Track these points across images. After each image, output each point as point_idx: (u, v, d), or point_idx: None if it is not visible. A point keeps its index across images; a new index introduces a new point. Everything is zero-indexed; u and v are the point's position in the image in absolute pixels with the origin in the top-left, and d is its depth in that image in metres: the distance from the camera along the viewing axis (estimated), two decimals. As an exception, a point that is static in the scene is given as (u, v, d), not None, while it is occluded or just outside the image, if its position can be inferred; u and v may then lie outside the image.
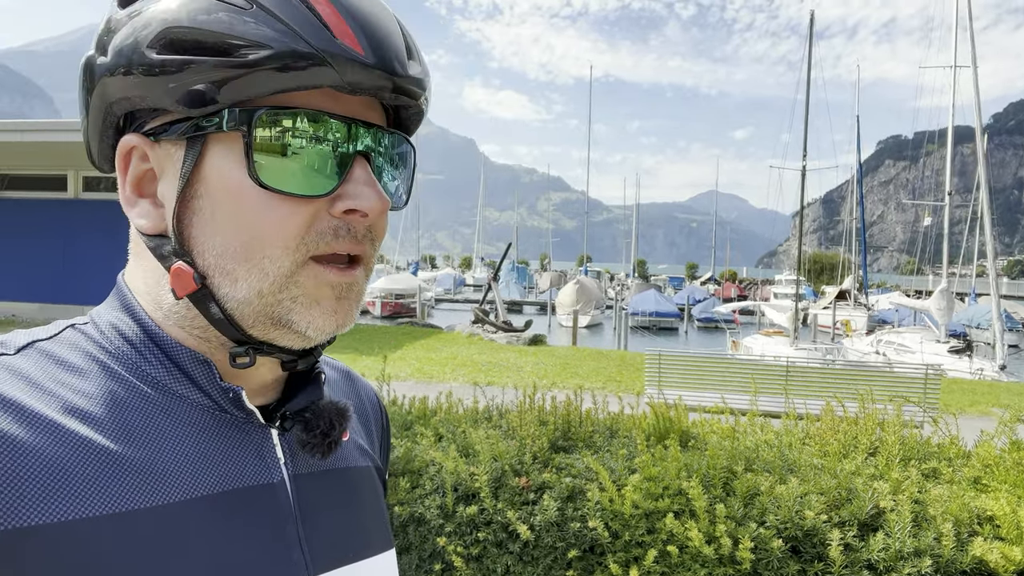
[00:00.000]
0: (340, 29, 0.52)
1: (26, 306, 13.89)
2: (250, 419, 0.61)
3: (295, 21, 0.52)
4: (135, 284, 0.61)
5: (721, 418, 3.30)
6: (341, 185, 0.55)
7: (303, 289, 0.56)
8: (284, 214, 0.54)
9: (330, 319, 0.57)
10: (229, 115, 0.53)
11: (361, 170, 0.56)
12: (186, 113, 0.54)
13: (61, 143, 11.93)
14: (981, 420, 7.97)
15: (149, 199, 0.58)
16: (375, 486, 0.75)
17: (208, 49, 0.52)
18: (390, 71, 0.54)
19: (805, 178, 24.45)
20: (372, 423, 0.82)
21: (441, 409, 3.40)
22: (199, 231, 0.55)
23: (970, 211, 43.22)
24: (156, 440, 0.54)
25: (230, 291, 0.55)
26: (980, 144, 19.77)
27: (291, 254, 0.55)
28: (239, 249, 0.54)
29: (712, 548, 2.17)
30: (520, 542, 2.40)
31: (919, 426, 3.01)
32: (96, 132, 0.59)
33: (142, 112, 0.56)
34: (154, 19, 0.53)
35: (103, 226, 12.96)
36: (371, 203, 0.55)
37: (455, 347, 14.02)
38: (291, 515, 0.60)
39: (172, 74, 0.52)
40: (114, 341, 0.58)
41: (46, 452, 0.48)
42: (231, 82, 0.52)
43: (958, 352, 19.60)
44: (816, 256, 74.13)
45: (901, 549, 2.08)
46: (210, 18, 0.52)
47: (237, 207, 0.54)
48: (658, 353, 8.44)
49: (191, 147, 0.54)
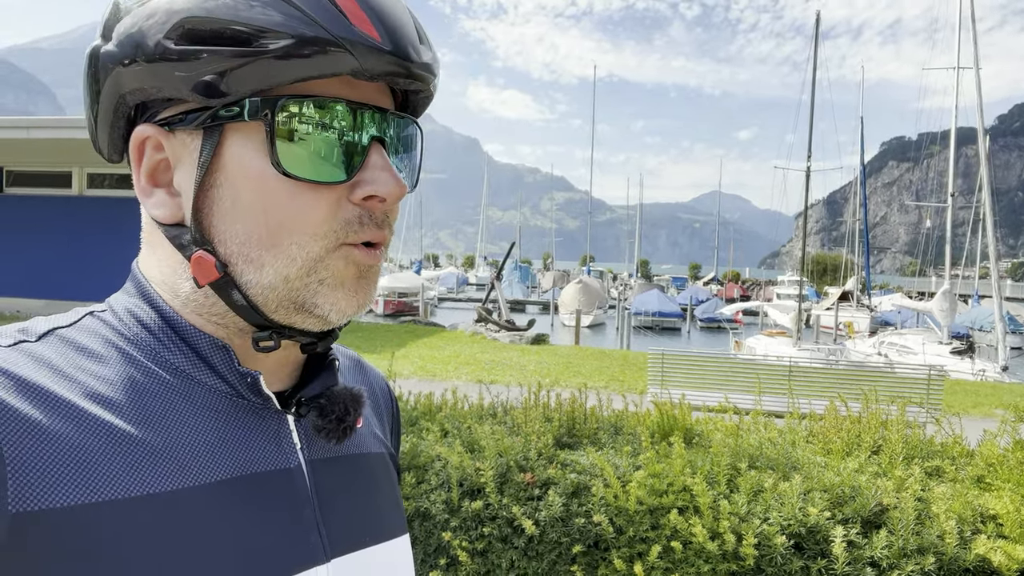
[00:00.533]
0: (356, 16, 0.53)
1: (31, 302, 13.92)
2: (267, 405, 0.61)
3: (312, 8, 0.52)
4: (150, 273, 0.62)
5: (725, 416, 3.32)
6: (359, 171, 0.56)
7: (331, 271, 0.57)
8: (308, 201, 0.55)
9: (352, 300, 0.58)
10: (250, 105, 0.53)
11: (378, 156, 0.57)
12: (204, 103, 0.53)
13: (65, 139, 11.95)
14: (984, 421, 7.96)
15: (164, 188, 0.58)
16: (389, 472, 0.75)
17: (227, 39, 0.51)
18: (405, 57, 0.55)
19: (810, 179, 24.43)
20: (384, 410, 0.83)
21: (446, 405, 3.41)
22: (219, 220, 0.56)
23: (973, 212, 43.13)
24: (175, 425, 0.55)
25: (255, 277, 0.56)
26: (982, 146, 19.73)
27: (319, 240, 0.55)
28: (265, 236, 0.55)
29: (716, 544, 2.18)
30: (525, 537, 2.41)
31: (922, 426, 3.02)
32: (106, 122, 0.59)
33: (155, 102, 0.56)
34: (170, 8, 0.52)
35: (107, 222, 13.03)
36: (389, 188, 0.56)
37: (458, 345, 14.04)
38: (308, 499, 0.61)
39: (190, 64, 0.52)
40: (132, 327, 0.59)
41: (68, 436, 0.49)
42: (251, 71, 0.52)
43: (960, 353, 19.59)
44: (819, 257, 74.06)
45: (904, 546, 2.09)
46: (228, 7, 0.52)
47: (259, 195, 0.54)
48: (661, 353, 8.45)
49: (209, 136, 0.54)
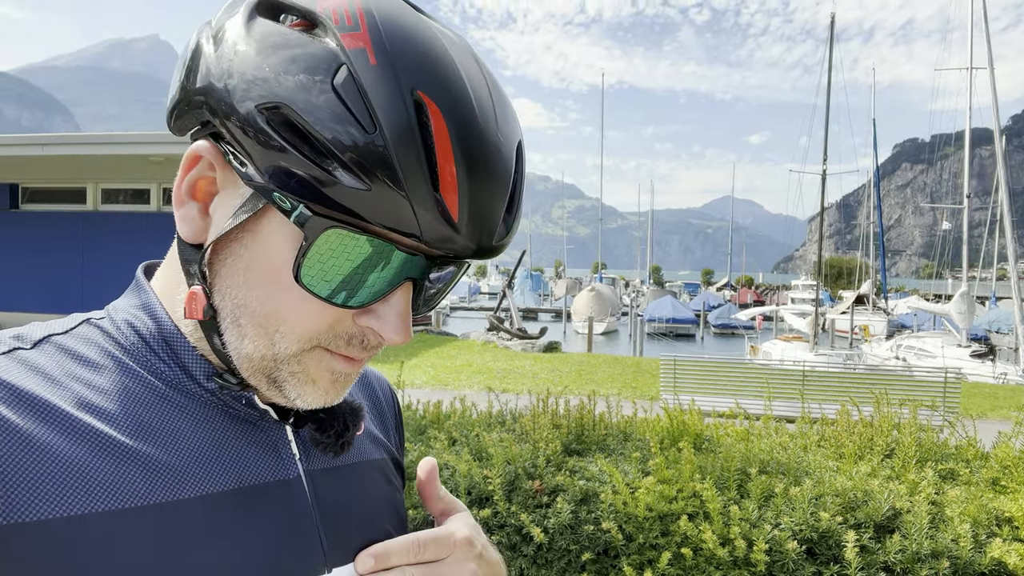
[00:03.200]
0: (448, 200, 0.49)
1: (47, 317, 14.06)
2: (264, 417, 0.61)
3: (406, 171, 0.48)
4: (158, 282, 0.62)
5: (735, 422, 3.29)
6: (377, 302, 0.54)
7: (304, 368, 0.56)
8: (312, 310, 0.53)
9: (320, 398, 0.58)
10: (301, 215, 0.50)
11: (402, 297, 0.55)
12: (263, 181, 0.50)
13: (80, 156, 12.11)
14: (1003, 424, 7.85)
15: (200, 204, 0.57)
16: (392, 477, 0.75)
17: (313, 147, 0.48)
18: (476, 243, 0.52)
19: (825, 182, 24.30)
20: (386, 411, 0.83)
21: (455, 413, 3.41)
22: (228, 273, 0.55)
23: (989, 213, 42.68)
24: (169, 436, 0.54)
25: (235, 342, 0.55)
26: (999, 146, 19.55)
27: (302, 343, 0.55)
28: (258, 314, 0.54)
29: (726, 550, 2.16)
30: (534, 545, 2.40)
31: (937, 429, 2.98)
32: (181, 107, 0.56)
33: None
34: (273, 77, 0.49)
35: (122, 238, 13.16)
36: (394, 336, 0.55)
37: (470, 354, 14.04)
38: (309, 510, 0.61)
39: (265, 146, 0.49)
40: (129, 337, 0.58)
41: (59, 447, 0.48)
42: (319, 187, 0.49)
43: (981, 356, 19.33)
44: (833, 260, 73.58)
45: (918, 551, 2.06)
46: (330, 119, 0.48)
47: (271, 281, 0.53)
48: (673, 359, 8.41)
49: (254, 200, 0.52)
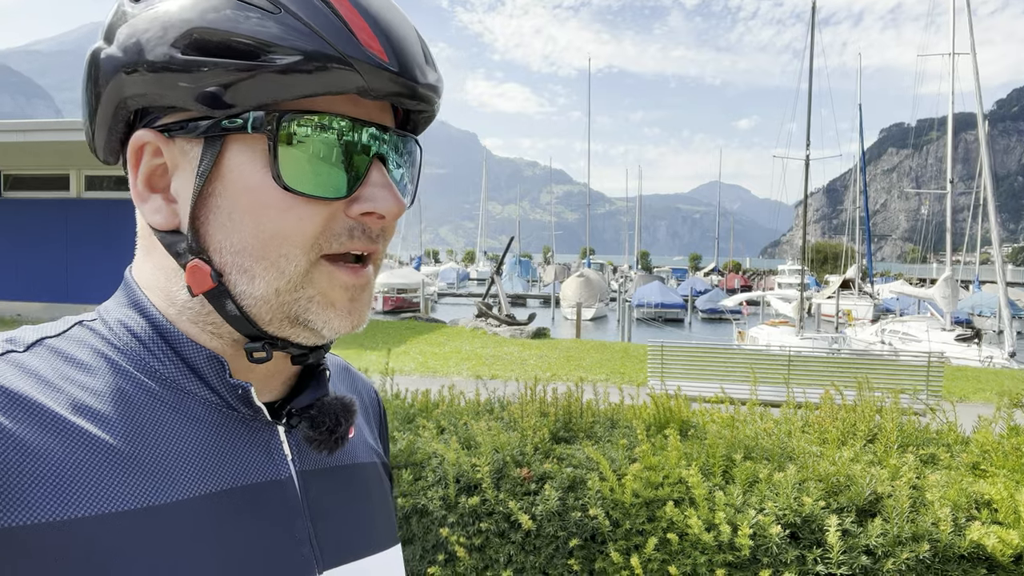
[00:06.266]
0: (364, 34, 0.53)
1: (31, 305, 13.95)
2: (257, 416, 0.61)
3: (322, 26, 0.52)
4: (144, 280, 0.61)
5: (721, 408, 3.32)
6: (359, 188, 0.56)
7: (318, 289, 0.57)
8: (304, 214, 0.55)
9: (345, 320, 0.58)
10: (254, 118, 0.53)
11: (378, 173, 0.57)
12: (207, 113, 0.53)
13: (63, 142, 11.97)
14: (985, 407, 7.97)
15: (161, 194, 0.58)
16: (381, 482, 0.76)
17: (235, 51, 0.51)
18: (412, 78, 0.55)
19: (809, 167, 24.38)
20: (372, 418, 0.83)
21: (443, 402, 3.42)
22: (216, 228, 0.55)
23: (973, 198, 43.02)
24: (164, 437, 0.54)
25: (247, 288, 0.56)
26: (982, 131, 19.66)
27: (306, 253, 0.55)
28: (257, 247, 0.55)
29: (712, 535, 2.19)
30: (522, 532, 2.42)
31: (919, 414, 3.02)
32: (104, 125, 0.58)
33: (156, 108, 0.56)
34: (178, 17, 0.52)
35: (106, 225, 13.05)
36: (388, 206, 0.56)
37: (459, 341, 14.05)
38: (300, 511, 0.61)
39: (195, 75, 0.52)
40: (123, 337, 0.58)
41: (53, 450, 0.48)
42: (256, 85, 0.52)
43: (966, 340, 19.50)
44: (819, 245, 74.01)
45: (899, 534, 2.10)
46: (237, 20, 0.51)
47: (257, 206, 0.54)
48: (660, 344, 8.46)
49: (210, 146, 0.54)
